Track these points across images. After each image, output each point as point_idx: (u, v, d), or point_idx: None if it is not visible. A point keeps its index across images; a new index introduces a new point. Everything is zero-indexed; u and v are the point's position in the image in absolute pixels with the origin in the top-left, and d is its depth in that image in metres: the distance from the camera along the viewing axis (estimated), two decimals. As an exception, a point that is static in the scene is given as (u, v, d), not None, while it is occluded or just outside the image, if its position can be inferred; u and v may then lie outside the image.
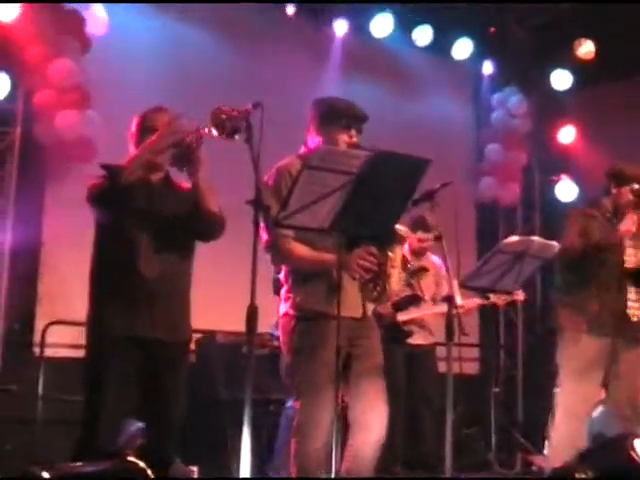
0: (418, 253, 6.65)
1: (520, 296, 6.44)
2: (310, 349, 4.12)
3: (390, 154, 3.60)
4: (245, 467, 3.32)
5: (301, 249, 4.10)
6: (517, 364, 9.32)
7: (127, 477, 2.85)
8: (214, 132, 3.66)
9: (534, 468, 7.40)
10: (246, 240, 4.19)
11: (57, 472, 2.58)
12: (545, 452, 6.64)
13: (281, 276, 4.69)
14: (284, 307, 4.25)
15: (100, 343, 4.03)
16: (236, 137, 3.62)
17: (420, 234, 6.34)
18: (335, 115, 4.21)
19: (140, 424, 4.90)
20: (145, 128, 4.16)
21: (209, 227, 4.15)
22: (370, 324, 4.29)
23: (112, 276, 4.07)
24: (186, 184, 4.19)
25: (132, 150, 4.20)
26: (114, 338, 3.98)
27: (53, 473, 2.52)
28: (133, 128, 4.26)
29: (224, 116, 3.62)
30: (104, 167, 4.06)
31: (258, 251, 3.59)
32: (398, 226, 4.11)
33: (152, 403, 4.07)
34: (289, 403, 5.86)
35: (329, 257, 4.00)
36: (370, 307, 4.22)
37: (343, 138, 4.17)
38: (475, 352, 9.13)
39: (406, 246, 6.67)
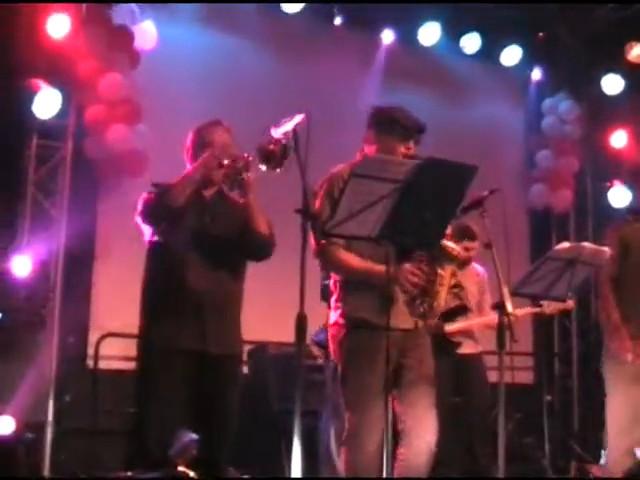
0: (463, 262, 6.60)
1: (570, 305, 6.35)
2: (359, 359, 4.11)
3: (437, 161, 3.58)
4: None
5: (351, 258, 4.08)
6: (572, 372, 9.19)
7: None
8: (263, 168, 3.71)
9: (591, 477, 7.30)
10: (295, 248, 4.21)
11: (108, 482, 2.59)
12: (602, 462, 6.57)
13: (330, 283, 4.70)
14: (334, 316, 4.23)
15: (149, 355, 4.10)
16: (281, 168, 3.66)
17: (466, 243, 6.29)
18: (393, 125, 4.19)
19: (194, 435, 4.93)
20: (201, 143, 4.21)
21: (258, 248, 4.20)
22: (421, 334, 4.26)
23: (162, 290, 4.12)
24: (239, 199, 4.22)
25: (188, 165, 4.25)
26: (162, 350, 4.03)
27: (104, 483, 2.53)
28: (188, 143, 4.30)
29: (271, 147, 3.65)
30: (155, 185, 4.13)
31: (306, 259, 3.57)
32: (451, 244, 4.09)
33: (205, 415, 4.09)
34: (325, 415, 5.87)
35: (378, 268, 3.97)
36: (434, 312, 4.18)
37: (400, 149, 4.14)
38: (529, 361, 9.03)
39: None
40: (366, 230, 3.57)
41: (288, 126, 3.63)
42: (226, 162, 4.04)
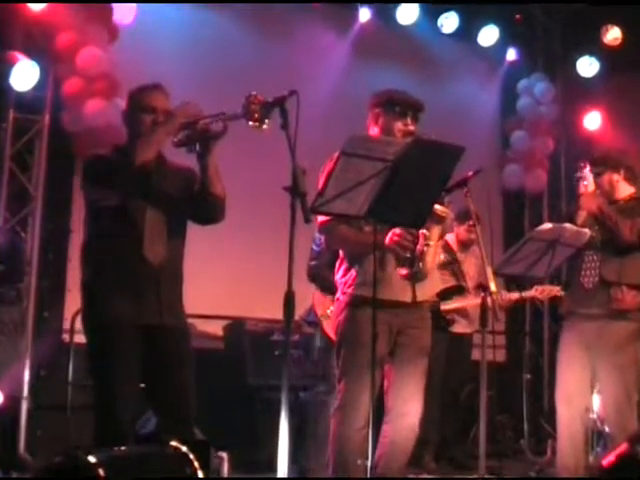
0: (466, 244, 6.68)
1: (555, 292, 6.43)
2: (356, 334, 4.18)
3: (425, 141, 3.62)
4: (283, 454, 3.30)
5: (349, 232, 4.17)
6: (543, 351, 9.29)
7: (171, 461, 2.87)
8: (245, 118, 3.63)
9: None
10: (276, 227, 4.20)
11: (102, 456, 2.60)
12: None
13: (313, 263, 4.72)
14: (338, 292, 4.34)
15: (106, 331, 3.90)
16: (264, 126, 3.60)
17: (468, 225, 6.36)
18: (390, 103, 4.29)
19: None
20: (139, 107, 4.03)
21: (213, 210, 4.06)
22: (422, 314, 4.32)
23: (115, 260, 3.93)
24: (178, 164, 4.12)
25: (125, 128, 4.10)
26: (121, 326, 3.88)
27: (99, 457, 2.54)
28: (125, 106, 4.14)
29: (255, 105, 3.60)
30: (115, 147, 4.01)
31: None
32: (437, 206, 4.11)
33: (165, 386, 3.99)
34: (320, 388, 5.91)
35: (370, 238, 4.04)
36: (420, 292, 4.23)
37: (398, 126, 4.23)
38: (501, 339, 9.11)
39: (453, 236, 6.71)
40: (354, 208, 3.60)
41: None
42: (187, 121, 3.87)
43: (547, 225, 4.57)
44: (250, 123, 3.60)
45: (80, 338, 6.65)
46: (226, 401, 6.59)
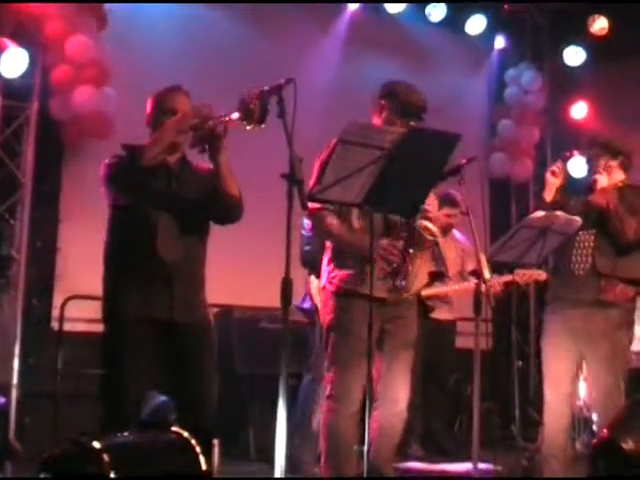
0: (445, 229, 6.70)
1: (542, 276, 6.44)
2: (343, 324, 4.23)
3: (423, 130, 3.65)
4: (280, 446, 3.31)
5: (338, 226, 4.17)
6: (529, 339, 9.35)
7: (173, 447, 2.89)
8: (242, 120, 3.66)
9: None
10: (266, 214, 4.20)
11: (107, 442, 2.62)
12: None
13: (306, 248, 4.75)
14: (323, 280, 4.35)
15: (118, 325, 4.02)
16: (262, 125, 3.62)
17: (447, 210, 6.37)
18: (396, 100, 4.28)
19: (164, 397, 4.93)
20: (162, 108, 4.12)
21: (229, 210, 4.12)
22: (409, 305, 4.36)
23: (130, 258, 4.05)
24: (204, 165, 4.16)
25: (150, 131, 4.18)
26: (134, 320, 3.97)
27: (103, 443, 2.56)
28: (148, 109, 4.21)
29: (252, 105, 3.61)
30: (126, 147, 4.06)
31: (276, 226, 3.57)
32: (429, 225, 4.17)
33: (181, 385, 4.06)
34: (307, 377, 5.93)
35: (360, 242, 4.09)
36: (403, 289, 4.25)
37: (400, 123, 4.17)
38: (486, 327, 9.14)
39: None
40: (351, 196, 3.62)
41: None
42: (198, 121, 3.92)
43: (539, 213, 4.61)
44: (246, 125, 3.63)
45: (70, 326, 6.73)
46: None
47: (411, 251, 4.12)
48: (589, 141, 5.29)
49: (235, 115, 3.71)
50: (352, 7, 8.49)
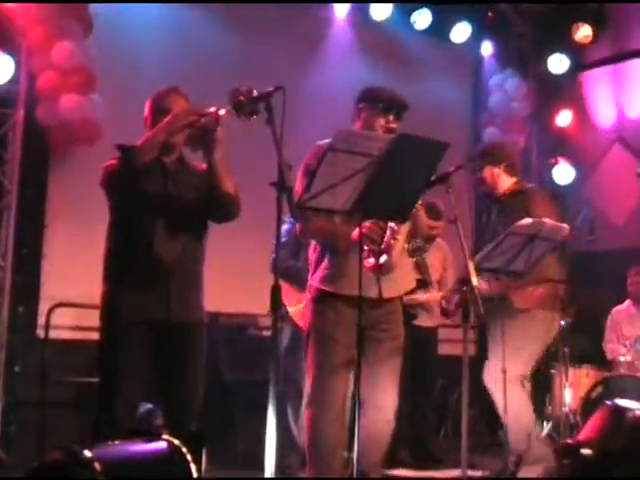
0: (427, 239, 6.69)
1: None
2: (322, 329, 4.25)
3: (410, 137, 3.64)
4: (270, 452, 3.31)
5: (321, 222, 4.19)
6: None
7: (165, 455, 2.88)
8: (233, 113, 3.66)
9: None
10: (252, 221, 4.20)
11: (98, 450, 2.61)
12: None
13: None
14: (308, 285, 4.37)
15: (115, 326, 4.01)
16: (253, 118, 3.63)
17: (431, 222, 6.38)
18: (373, 99, 4.32)
19: (150, 406, 4.91)
20: (158, 110, 4.13)
21: (225, 208, 4.12)
22: (391, 309, 4.35)
23: (128, 259, 4.05)
24: (201, 165, 4.17)
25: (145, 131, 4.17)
26: (130, 321, 3.97)
27: (94, 451, 2.55)
28: (146, 111, 4.23)
29: (242, 98, 3.62)
30: (119, 147, 4.01)
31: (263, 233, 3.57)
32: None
33: (171, 385, 4.06)
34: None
35: (343, 230, 4.11)
36: (387, 288, 4.25)
37: (380, 122, 4.27)
38: (472, 334, 9.17)
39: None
40: (340, 203, 3.62)
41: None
42: (193, 119, 3.94)
43: (527, 220, 4.62)
44: (237, 117, 3.63)
45: (56, 334, 6.71)
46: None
47: (392, 225, 4.12)
48: (469, 155, 5.38)
49: (224, 110, 3.72)
50: (339, 14, 8.51)
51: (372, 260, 4.12)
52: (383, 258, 4.12)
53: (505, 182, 5.43)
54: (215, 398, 6.62)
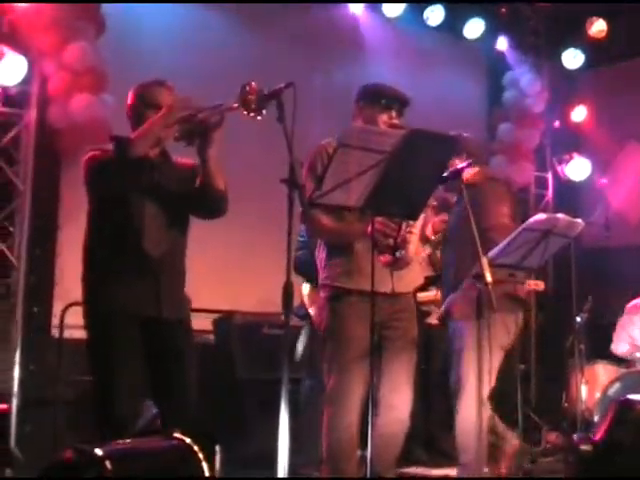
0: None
1: (540, 286, 6.41)
2: (340, 328, 4.21)
3: (421, 132, 3.61)
4: (283, 451, 3.29)
5: (328, 220, 4.15)
6: (530, 343, 9.33)
7: (177, 454, 2.87)
8: (240, 109, 3.63)
9: (548, 445, 7.47)
10: (268, 219, 4.18)
11: (109, 449, 2.60)
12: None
13: (299, 254, 4.77)
14: (319, 280, 4.35)
15: (105, 325, 3.94)
16: (259, 117, 3.60)
17: (442, 216, 6.34)
18: (375, 96, 4.31)
19: (154, 409, 4.88)
20: (145, 102, 4.09)
21: (215, 205, 4.08)
22: (406, 305, 4.33)
23: (114, 254, 3.97)
24: (183, 160, 4.14)
25: (130, 123, 4.14)
26: (119, 317, 3.91)
27: (105, 450, 2.54)
28: (130, 100, 4.18)
29: (251, 95, 3.60)
30: (113, 138, 3.96)
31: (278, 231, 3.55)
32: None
33: (165, 382, 4.02)
34: (307, 381, 5.92)
35: (353, 227, 4.10)
36: (399, 283, 4.22)
37: (382, 118, 4.25)
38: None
39: (429, 227, 6.72)
40: (352, 200, 3.60)
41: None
42: (189, 113, 3.88)
43: (541, 215, 4.58)
44: (246, 113, 3.61)
45: (69, 333, 6.71)
46: (216, 395, 6.59)
47: (409, 221, 4.09)
48: None
49: (234, 105, 3.69)
50: (355, 11, 8.46)
51: (386, 256, 4.10)
52: (399, 252, 4.10)
53: (466, 174, 5.23)
54: (229, 397, 6.63)
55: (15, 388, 6.43)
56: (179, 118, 3.88)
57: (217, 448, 5.45)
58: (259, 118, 3.59)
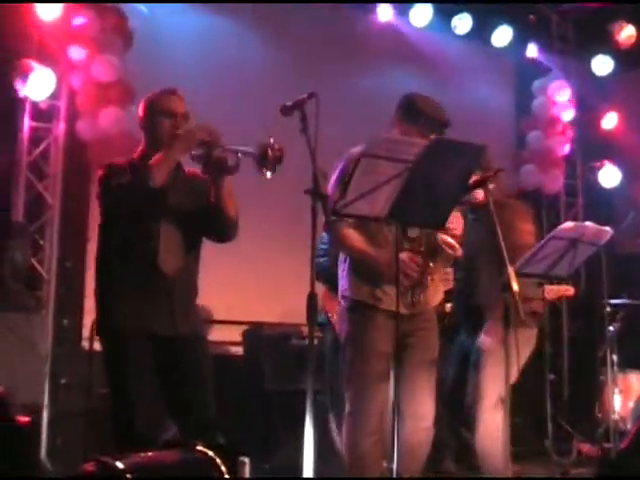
0: None
1: (570, 291, 6.35)
2: (359, 340, 4.20)
3: (446, 141, 3.60)
4: (308, 461, 3.27)
5: (355, 238, 4.13)
6: (562, 352, 9.25)
7: (198, 465, 2.86)
8: (254, 160, 3.66)
9: (580, 456, 7.39)
10: (294, 230, 4.17)
11: (130, 462, 2.60)
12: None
13: (321, 260, 4.76)
14: (340, 292, 4.32)
15: (118, 342, 3.93)
16: (269, 174, 3.64)
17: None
18: (418, 115, 4.23)
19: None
20: (157, 111, 4.06)
21: (224, 231, 4.10)
22: (426, 316, 4.30)
23: (128, 272, 3.95)
24: (196, 172, 4.09)
25: (143, 134, 4.14)
26: (132, 336, 3.90)
27: (126, 463, 2.54)
28: (141, 112, 4.16)
29: (270, 152, 3.62)
30: (130, 165, 3.96)
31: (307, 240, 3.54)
32: (451, 241, 4.14)
33: (185, 400, 4.02)
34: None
35: (375, 254, 4.09)
36: (419, 302, 4.21)
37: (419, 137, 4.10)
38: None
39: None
40: (376, 210, 3.58)
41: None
42: (206, 139, 3.85)
43: (569, 224, 4.55)
44: (259, 167, 3.63)
45: (99, 345, 6.72)
46: (245, 407, 6.59)
47: (431, 265, 4.09)
48: None
49: (248, 150, 3.69)
50: (382, 17, 8.43)
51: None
52: (416, 297, 4.13)
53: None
54: (257, 409, 6.63)
55: (46, 400, 6.46)
56: (199, 141, 3.87)
57: (246, 460, 5.46)
58: (268, 176, 3.60)
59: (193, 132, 3.89)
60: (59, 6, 6.46)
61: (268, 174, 3.65)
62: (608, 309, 6.84)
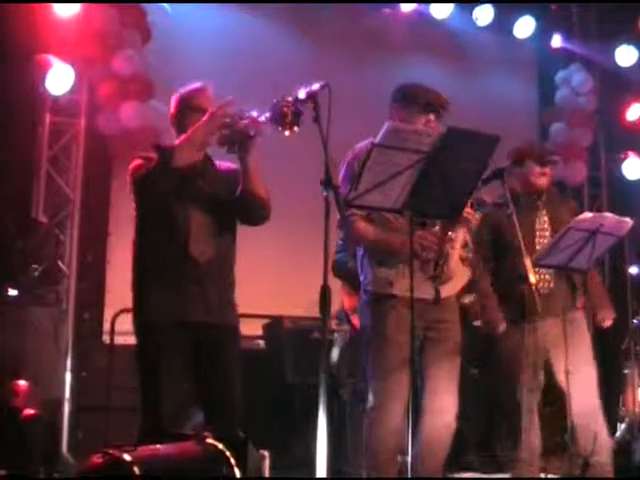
0: None
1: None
2: (380, 332, 4.14)
3: (461, 131, 3.54)
4: (322, 453, 3.25)
5: (367, 229, 4.09)
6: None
7: (208, 459, 2.85)
8: (273, 122, 3.62)
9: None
10: (314, 223, 4.15)
11: (138, 454, 2.59)
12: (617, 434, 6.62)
13: (339, 256, 4.72)
14: (362, 287, 4.27)
15: (153, 329, 3.96)
16: (295, 130, 3.57)
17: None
18: (412, 98, 4.19)
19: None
20: (189, 108, 4.09)
21: (256, 212, 4.08)
22: (449, 308, 4.25)
23: (162, 261, 3.98)
24: (226, 165, 4.15)
25: (174, 130, 4.14)
26: (167, 324, 3.92)
27: (134, 455, 2.53)
28: (172, 109, 4.19)
29: (286, 109, 3.57)
30: (157, 148, 3.99)
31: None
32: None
33: (212, 389, 4.02)
34: (359, 386, 5.88)
35: (393, 239, 4.01)
36: (444, 289, 4.16)
37: (420, 121, 4.12)
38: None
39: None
40: (389, 201, 3.54)
41: (301, 93, 3.55)
42: (228, 120, 3.86)
43: (587, 214, 4.49)
44: (280, 129, 3.59)
45: (121, 339, 6.75)
46: (266, 399, 6.59)
47: (450, 234, 4.03)
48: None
49: (266, 116, 3.67)
50: (404, 8, 8.38)
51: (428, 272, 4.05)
52: (440, 268, 4.06)
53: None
54: (279, 401, 6.63)
55: (67, 394, 6.49)
56: (221, 124, 3.87)
57: (266, 453, 5.46)
58: (296, 129, 3.56)
59: (215, 115, 3.87)
60: (77, 5, 6.49)
61: (295, 129, 3.59)
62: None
